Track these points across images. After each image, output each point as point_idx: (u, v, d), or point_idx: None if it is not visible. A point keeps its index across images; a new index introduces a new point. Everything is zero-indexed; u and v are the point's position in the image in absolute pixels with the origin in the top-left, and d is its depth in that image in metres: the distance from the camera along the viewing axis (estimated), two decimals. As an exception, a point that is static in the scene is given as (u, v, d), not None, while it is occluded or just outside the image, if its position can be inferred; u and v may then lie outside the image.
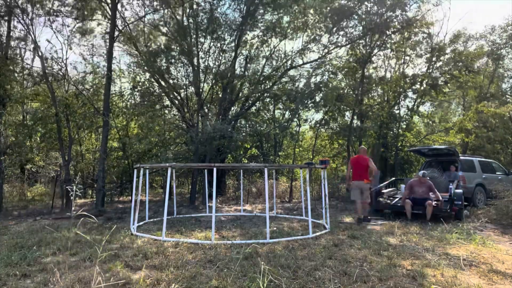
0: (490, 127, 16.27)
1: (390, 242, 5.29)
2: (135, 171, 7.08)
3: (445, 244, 5.16)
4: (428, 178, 7.94)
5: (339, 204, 10.73)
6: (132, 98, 13.05)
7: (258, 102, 14.79)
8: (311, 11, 12.76)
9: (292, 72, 14.23)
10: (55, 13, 10.51)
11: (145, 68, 11.60)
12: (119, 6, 10.66)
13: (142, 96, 12.34)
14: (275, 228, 6.52)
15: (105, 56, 11.21)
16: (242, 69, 13.61)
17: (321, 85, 13.47)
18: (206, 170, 9.03)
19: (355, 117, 14.62)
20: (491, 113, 14.19)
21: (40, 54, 10.30)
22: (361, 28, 13.19)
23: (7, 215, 8.77)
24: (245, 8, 11.87)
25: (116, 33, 10.66)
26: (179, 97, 12.53)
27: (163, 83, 12.13)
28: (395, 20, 12.87)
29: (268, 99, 15.33)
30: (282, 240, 5.35)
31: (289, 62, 13.63)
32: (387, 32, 13.13)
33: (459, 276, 3.64)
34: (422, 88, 14.25)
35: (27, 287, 3.37)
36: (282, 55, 13.93)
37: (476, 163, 10.39)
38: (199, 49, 11.77)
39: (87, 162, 15.57)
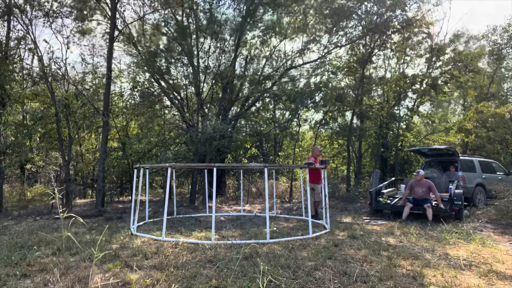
0: (490, 127, 16.28)
1: (390, 242, 5.28)
2: (135, 171, 7.08)
3: (445, 244, 5.16)
4: (423, 176, 7.92)
5: (339, 204, 10.73)
6: (132, 98, 13.05)
7: (258, 102, 14.78)
8: (311, 11, 12.76)
9: (292, 72, 14.23)
10: (54, 15, 10.50)
11: (145, 68, 11.60)
12: (118, 6, 10.65)
13: (142, 96, 12.33)
14: (275, 228, 6.52)
15: (105, 56, 11.21)
16: (242, 69, 13.61)
17: (321, 85, 13.47)
18: (206, 170, 9.03)
19: (355, 117, 14.62)
20: (491, 113, 14.19)
21: (39, 54, 10.29)
22: (361, 28, 13.19)
23: (7, 215, 8.76)
24: (245, 8, 11.87)
25: (116, 33, 10.64)
26: (179, 97, 12.52)
27: (163, 83, 12.13)
28: (395, 20, 12.86)
29: (268, 99, 15.32)
30: (282, 240, 5.35)
31: (289, 62, 13.63)
32: (387, 32, 13.13)
33: (459, 276, 3.64)
34: (422, 88, 14.26)
35: (27, 287, 3.37)
36: (282, 55, 13.92)
37: (476, 163, 10.39)
38: (199, 49, 11.76)
39: (87, 162, 15.57)
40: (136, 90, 12.43)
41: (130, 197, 12.60)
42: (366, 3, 12.48)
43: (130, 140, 12.95)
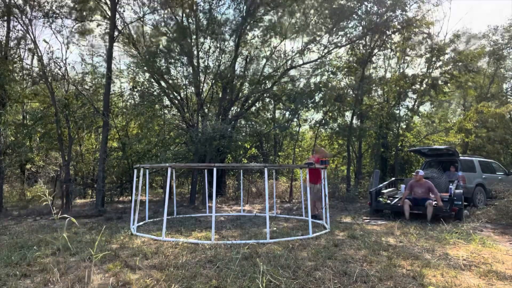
0: (490, 127, 16.29)
1: (390, 242, 5.28)
2: (135, 171, 7.08)
3: (445, 244, 5.16)
4: (423, 176, 7.92)
5: (339, 204, 10.73)
6: (132, 98, 13.05)
7: (258, 102, 14.79)
8: (312, 11, 12.76)
9: (292, 72, 14.24)
10: (53, 15, 10.50)
11: (145, 68, 11.60)
12: (118, 6, 10.65)
13: (141, 96, 12.34)
14: (275, 228, 6.52)
15: (104, 56, 11.21)
16: (242, 69, 13.61)
17: (321, 85, 13.48)
18: (206, 170, 9.03)
19: (355, 117, 14.62)
20: (491, 113, 14.20)
21: (39, 54, 10.29)
22: (361, 28, 13.19)
23: (7, 215, 8.76)
24: (244, 8, 11.86)
25: (116, 33, 10.65)
26: (179, 97, 12.53)
27: (162, 83, 12.13)
28: (395, 20, 12.86)
29: (268, 99, 15.32)
30: (282, 240, 5.35)
31: (289, 62, 13.63)
32: (387, 32, 13.13)
33: (459, 277, 3.64)
34: (422, 88, 14.25)
35: (27, 287, 3.37)
36: (282, 55, 13.92)
37: (476, 163, 10.39)
38: (199, 49, 11.76)
39: (87, 162, 15.57)
40: (136, 90, 12.43)
41: (130, 197, 12.60)
42: (366, 3, 12.48)
43: (130, 140, 12.95)
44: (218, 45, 12.14)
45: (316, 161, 7.84)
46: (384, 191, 8.89)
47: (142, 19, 12.11)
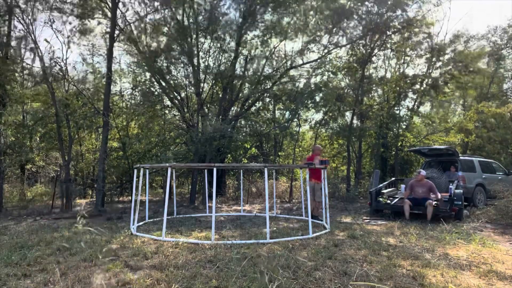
0: (491, 127, 16.29)
1: (390, 242, 5.28)
2: (135, 171, 7.08)
3: (445, 244, 5.16)
4: (425, 176, 7.93)
5: (339, 204, 10.73)
6: (133, 98, 13.06)
7: (258, 102, 14.78)
8: (312, 11, 12.76)
9: (292, 72, 14.24)
10: (56, 9, 10.48)
11: (146, 68, 11.60)
12: (119, 5, 10.65)
13: (142, 96, 12.34)
14: (275, 228, 6.52)
15: (105, 56, 11.21)
16: (242, 69, 13.61)
17: (321, 85, 13.47)
18: (206, 170, 9.03)
19: (355, 117, 14.62)
20: (491, 113, 14.20)
21: (40, 54, 10.29)
22: (361, 28, 13.19)
23: (7, 215, 8.77)
24: (245, 8, 11.87)
25: (116, 32, 10.65)
26: (179, 97, 12.52)
27: (163, 83, 12.13)
28: (395, 20, 12.87)
29: (268, 99, 15.33)
30: (282, 240, 5.35)
31: (289, 62, 13.63)
32: (387, 32, 13.13)
33: (459, 277, 3.64)
34: (422, 88, 14.25)
35: (27, 287, 3.37)
36: (282, 55, 13.92)
37: (476, 163, 10.39)
38: (199, 49, 11.77)
39: (87, 162, 15.57)
40: (137, 89, 12.44)
41: (130, 197, 12.61)
42: (366, 3, 12.48)
43: (130, 140, 12.95)
44: (219, 45, 12.15)
45: (311, 159, 7.83)
46: (384, 191, 8.89)
47: (143, 19, 12.11)
